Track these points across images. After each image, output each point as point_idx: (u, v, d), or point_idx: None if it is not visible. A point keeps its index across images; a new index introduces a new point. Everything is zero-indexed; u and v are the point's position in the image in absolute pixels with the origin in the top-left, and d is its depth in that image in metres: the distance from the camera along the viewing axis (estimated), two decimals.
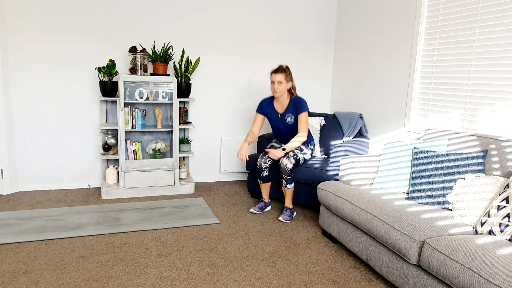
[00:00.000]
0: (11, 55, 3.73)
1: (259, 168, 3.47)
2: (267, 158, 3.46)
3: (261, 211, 3.55)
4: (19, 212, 3.36)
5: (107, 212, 3.42)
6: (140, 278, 2.38)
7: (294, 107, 3.41)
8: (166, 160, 3.96)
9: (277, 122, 3.52)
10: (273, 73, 3.36)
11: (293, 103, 3.42)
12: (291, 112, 3.42)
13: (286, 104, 3.46)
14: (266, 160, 3.45)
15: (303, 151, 3.43)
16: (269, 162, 3.46)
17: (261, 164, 3.46)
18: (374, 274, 2.54)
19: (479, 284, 1.67)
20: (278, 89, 3.35)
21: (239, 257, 2.69)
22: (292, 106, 3.42)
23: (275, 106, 3.52)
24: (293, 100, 3.43)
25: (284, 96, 3.44)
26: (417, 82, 3.47)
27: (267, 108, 3.57)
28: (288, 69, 3.37)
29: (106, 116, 4.02)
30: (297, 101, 3.41)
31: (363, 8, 4.19)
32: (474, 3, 2.90)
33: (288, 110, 3.44)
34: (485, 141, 2.52)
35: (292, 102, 3.43)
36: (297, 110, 3.39)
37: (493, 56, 2.77)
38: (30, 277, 2.34)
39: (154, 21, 4.08)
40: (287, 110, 3.45)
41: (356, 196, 2.62)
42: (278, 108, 3.50)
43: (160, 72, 3.91)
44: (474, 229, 2.13)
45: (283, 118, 3.47)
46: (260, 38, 4.46)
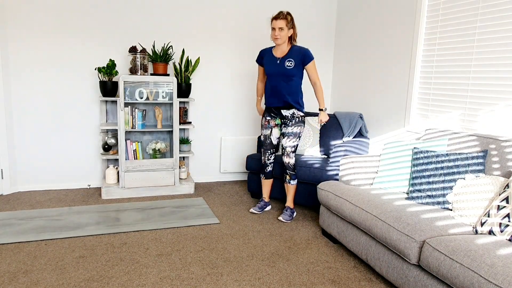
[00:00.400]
0: (11, 55, 3.73)
1: (264, 164, 3.48)
2: (270, 155, 3.47)
3: (261, 210, 3.55)
4: (19, 212, 3.36)
5: (107, 212, 3.42)
6: (140, 278, 2.38)
7: (298, 55, 3.21)
8: (166, 160, 3.96)
9: (274, 68, 3.27)
10: (273, 19, 3.17)
11: (294, 50, 3.24)
12: (293, 58, 3.21)
13: (287, 50, 3.25)
14: (269, 156, 3.47)
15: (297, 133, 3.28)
16: (272, 157, 3.47)
17: (265, 161, 3.48)
18: (374, 274, 2.54)
19: (479, 284, 1.67)
20: (279, 36, 3.16)
21: (239, 257, 2.69)
22: (295, 53, 3.22)
23: (274, 53, 3.31)
24: (294, 47, 3.25)
25: (285, 44, 3.24)
26: (417, 82, 3.47)
27: (265, 55, 3.36)
28: (289, 15, 3.18)
29: (106, 116, 4.02)
30: (300, 49, 3.23)
31: (363, 8, 4.19)
32: (474, 3, 2.90)
33: (289, 55, 3.23)
34: (485, 141, 2.52)
35: (293, 49, 3.24)
36: (303, 57, 3.21)
37: (493, 56, 2.77)
38: (30, 277, 2.34)
39: (154, 21, 4.08)
40: (287, 55, 3.23)
41: (356, 196, 2.62)
42: (277, 53, 3.29)
43: (160, 72, 3.91)
44: (474, 229, 2.13)
45: (282, 63, 3.23)
46: (260, 38, 4.45)
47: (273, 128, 3.43)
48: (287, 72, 3.22)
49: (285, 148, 3.31)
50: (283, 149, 3.33)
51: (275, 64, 3.26)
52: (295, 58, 3.21)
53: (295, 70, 3.21)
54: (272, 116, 3.42)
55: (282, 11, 3.18)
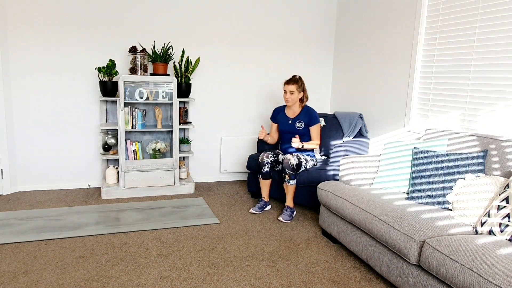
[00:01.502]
0: (11, 55, 3.73)
1: (261, 163, 3.48)
2: (270, 154, 3.47)
3: (261, 210, 3.55)
4: (19, 212, 3.36)
5: (107, 212, 3.42)
6: (140, 278, 2.38)
7: (306, 116, 3.57)
8: (166, 160, 3.96)
9: (287, 127, 3.63)
10: (285, 84, 3.53)
11: (305, 112, 3.60)
12: (302, 119, 3.57)
13: (298, 111, 3.62)
14: (269, 155, 3.47)
15: (307, 160, 3.48)
16: (271, 157, 3.47)
17: (263, 158, 3.48)
18: (374, 274, 2.54)
19: (479, 284, 1.67)
20: (290, 98, 3.53)
21: (239, 257, 2.69)
22: (304, 114, 3.59)
23: (287, 112, 3.68)
24: (305, 109, 3.61)
25: (296, 105, 3.61)
26: (417, 82, 3.47)
27: (278, 115, 3.74)
28: (300, 80, 3.54)
29: (106, 116, 4.02)
30: (309, 112, 3.60)
31: (363, 8, 4.19)
32: (474, 3, 2.90)
33: (299, 117, 3.59)
34: (485, 141, 2.52)
35: (304, 111, 3.60)
36: (309, 120, 3.56)
37: (493, 56, 2.77)
38: (30, 277, 2.34)
39: (154, 21, 4.08)
40: (298, 117, 3.60)
41: (356, 196, 2.62)
42: (290, 114, 3.66)
43: (160, 72, 3.91)
44: (474, 229, 2.13)
45: (294, 124, 3.60)
46: (260, 38, 4.46)
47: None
48: (297, 132, 3.61)
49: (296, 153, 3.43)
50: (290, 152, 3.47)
51: (288, 124, 3.65)
52: (305, 119, 3.58)
53: (305, 130, 3.59)
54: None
55: (294, 76, 3.55)
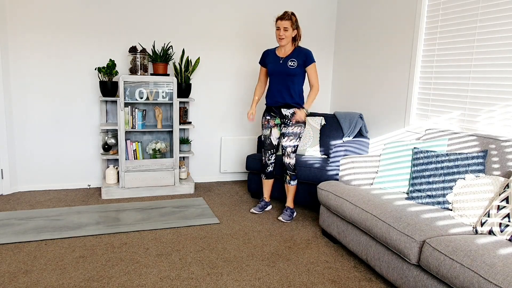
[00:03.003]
0: (11, 55, 3.73)
1: (265, 164, 3.48)
2: (270, 155, 3.46)
3: (262, 210, 3.55)
4: (19, 212, 3.36)
5: (107, 212, 3.42)
6: (140, 278, 2.38)
7: (300, 55, 3.25)
8: (166, 160, 3.96)
9: (277, 67, 3.29)
10: (278, 20, 3.19)
11: (298, 51, 3.27)
12: (295, 58, 3.24)
13: (290, 51, 3.29)
14: (270, 156, 3.46)
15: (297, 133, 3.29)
16: (272, 158, 3.46)
17: (266, 161, 3.47)
18: (374, 274, 2.54)
19: (479, 284, 1.67)
20: (284, 36, 3.18)
21: (239, 257, 2.69)
22: (297, 53, 3.26)
23: (278, 53, 3.34)
24: (298, 49, 3.28)
25: (289, 44, 3.27)
26: (417, 82, 3.47)
27: (268, 56, 3.39)
28: (294, 16, 3.20)
29: (106, 116, 4.02)
30: (303, 50, 3.26)
31: (363, 8, 4.19)
32: (474, 3, 2.90)
33: (292, 56, 3.26)
34: (485, 141, 2.52)
35: (296, 50, 3.27)
36: (305, 59, 3.23)
37: (493, 56, 2.77)
38: (30, 277, 2.34)
39: (154, 21, 4.08)
40: (290, 56, 3.27)
41: (356, 196, 2.62)
42: (280, 53, 3.32)
43: (160, 72, 3.91)
44: (474, 229, 2.13)
45: (285, 63, 3.25)
46: (260, 38, 4.46)
47: (273, 128, 3.43)
48: (289, 72, 3.25)
49: (285, 148, 3.30)
50: (283, 150, 3.32)
51: (278, 64, 3.29)
52: (298, 58, 3.24)
53: (297, 69, 3.24)
54: (272, 115, 3.42)
55: (287, 11, 3.19)
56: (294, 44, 3.29)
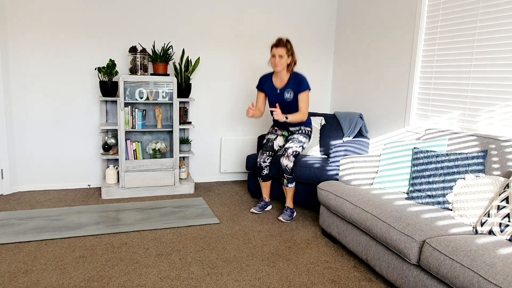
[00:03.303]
0: (11, 55, 3.73)
1: (259, 167, 3.47)
2: (266, 157, 3.45)
3: (262, 210, 3.55)
4: (19, 212, 3.36)
5: (107, 212, 3.42)
6: (140, 278, 2.38)
7: (295, 83, 3.25)
8: (166, 160, 3.96)
9: (275, 98, 3.36)
10: (274, 47, 3.20)
11: (293, 79, 3.27)
12: (291, 88, 3.26)
13: (286, 79, 3.29)
14: (265, 159, 3.45)
15: (301, 142, 3.33)
16: (268, 160, 3.46)
17: (260, 163, 3.46)
18: (374, 274, 2.54)
19: (479, 284, 1.67)
20: (279, 63, 3.19)
21: (239, 257, 2.69)
22: (293, 82, 3.26)
23: (274, 81, 3.36)
24: (293, 76, 3.28)
25: (284, 71, 3.28)
26: (417, 82, 3.47)
27: (266, 84, 3.41)
28: (289, 43, 3.21)
29: (106, 116, 4.02)
30: (298, 78, 3.26)
31: (363, 8, 4.19)
32: (474, 3, 2.90)
33: (288, 86, 3.28)
34: (485, 141, 2.52)
35: (292, 78, 3.27)
36: (298, 87, 3.24)
37: (493, 56, 2.77)
38: (30, 277, 2.34)
39: (154, 21, 4.08)
40: (286, 86, 3.28)
41: (356, 196, 2.62)
42: (277, 83, 3.34)
43: (160, 72, 3.91)
44: (474, 229, 2.13)
45: (282, 94, 3.30)
46: (261, 38, 4.46)
47: (279, 136, 3.54)
48: (287, 104, 3.33)
49: (287, 149, 3.31)
50: (284, 150, 3.32)
51: (276, 94, 3.37)
52: (293, 87, 3.28)
53: (294, 100, 3.30)
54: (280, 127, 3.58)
55: (281, 39, 3.22)
56: (289, 70, 3.29)
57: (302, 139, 3.37)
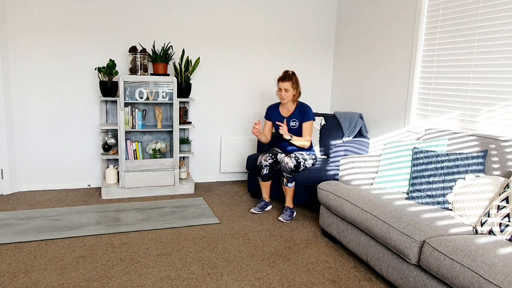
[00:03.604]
0: (11, 55, 3.73)
1: (259, 166, 3.48)
2: (268, 156, 3.46)
3: (262, 210, 3.55)
4: (19, 212, 3.36)
5: (107, 212, 3.42)
6: (140, 278, 2.38)
7: (300, 113, 3.48)
8: (166, 160, 3.96)
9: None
10: (280, 81, 3.42)
11: (299, 109, 3.50)
12: (297, 118, 3.49)
13: (292, 109, 3.53)
14: (267, 158, 3.46)
15: (305, 159, 3.43)
16: (269, 160, 3.46)
17: (261, 161, 3.47)
18: (374, 274, 2.54)
19: (479, 284, 1.67)
20: (285, 96, 3.42)
21: (239, 257, 2.69)
22: (298, 112, 3.49)
23: (281, 111, 3.59)
24: (299, 106, 3.51)
25: (290, 102, 3.52)
26: (417, 82, 3.47)
27: (273, 114, 3.64)
28: (294, 75, 3.44)
29: (106, 116, 4.02)
30: (303, 108, 3.49)
31: (363, 8, 4.19)
32: (474, 3, 2.90)
33: (294, 115, 3.50)
34: (485, 141, 2.52)
35: (298, 108, 3.50)
36: (303, 116, 3.46)
37: (493, 56, 2.77)
38: (30, 277, 2.34)
39: (154, 21, 4.08)
40: (292, 115, 3.51)
41: (356, 196, 2.62)
42: (284, 112, 3.57)
43: (160, 72, 3.91)
44: (474, 229, 2.13)
45: (288, 122, 3.52)
46: (260, 38, 4.46)
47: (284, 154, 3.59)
48: (292, 131, 3.52)
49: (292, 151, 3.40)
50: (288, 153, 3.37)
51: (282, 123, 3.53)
52: (299, 117, 3.49)
53: (299, 129, 3.50)
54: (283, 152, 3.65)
55: (287, 72, 3.42)
56: (294, 100, 3.51)
57: (307, 157, 3.45)
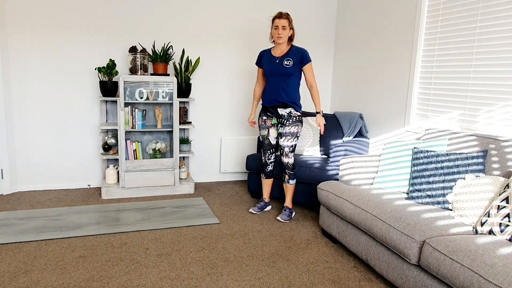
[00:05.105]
0: (11, 55, 3.73)
1: (265, 163, 3.48)
2: (269, 155, 3.47)
3: (261, 211, 3.55)
4: (19, 212, 3.36)
5: (107, 212, 3.42)
6: (140, 278, 2.38)
7: (296, 54, 3.26)
8: (166, 160, 3.96)
9: (273, 68, 3.30)
10: (276, 18, 3.22)
11: (294, 50, 3.28)
12: (291, 58, 3.25)
13: (286, 50, 3.30)
14: (269, 156, 3.47)
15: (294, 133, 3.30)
16: (272, 157, 3.48)
17: (266, 160, 3.48)
18: (374, 274, 2.54)
19: (479, 284, 1.67)
20: (282, 35, 3.21)
21: (239, 257, 2.69)
22: (293, 52, 3.27)
23: (273, 53, 3.35)
24: (294, 48, 3.29)
25: (285, 44, 3.29)
26: (417, 82, 3.47)
27: (264, 57, 3.40)
28: (289, 15, 3.25)
29: (106, 116, 4.02)
30: (299, 50, 3.28)
31: (363, 8, 4.19)
32: (474, 3, 2.90)
33: (288, 55, 3.27)
34: (485, 141, 2.52)
35: (292, 50, 3.29)
36: (301, 58, 3.25)
37: (493, 56, 2.77)
38: (30, 277, 2.34)
39: (154, 21, 4.08)
40: (286, 55, 3.28)
41: (356, 196, 2.62)
42: (277, 53, 3.33)
43: (160, 72, 3.91)
44: (474, 229, 2.13)
45: (281, 62, 3.26)
46: (260, 38, 4.45)
47: (270, 128, 3.43)
48: (285, 71, 3.25)
49: (283, 148, 3.32)
50: (281, 150, 3.34)
51: (274, 64, 3.30)
52: (294, 57, 3.25)
53: (293, 69, 3.25)
54: (268, 115, 3.42)
55: (282, 12, 3.24)
56: (289, 43, 3.32)
57: (294, 129, 3.30)
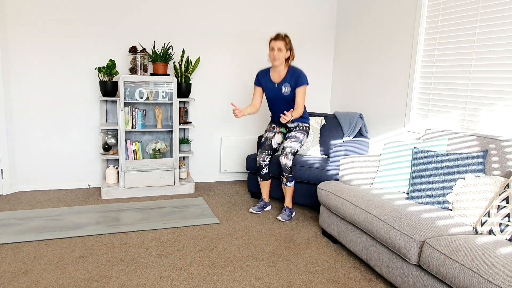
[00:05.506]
0: (11, 55, 3.73)
1: (259, 166, 3.48)
2: (265, 156, 3.46)
3: (261, 210, 3.55)
4: (19, 212, 3.36)
5: (107, 212, 3.42)
6: (140, 278, 2.38)
7: (292, 78, 3.26)
8: (166, 160, 3.96)
9: (273, 93, 3.37)
10: (272, 40, 3.22)
11: (291, 73, 3.28)
12: (288, 83, 3.27)
13: (284, 74, 3.31)
14: (265, 157, 3.46)
15: (301, 139, 3.34)
16: (267, 159, 3.47)
17: (260, 162, 3.47)
18: (374, 274, 2.54)
19: (479, 284, 1.67)
20: (278, 57, 3.20)
21: (239, 257, 2.69)
22: (290, 76, 3.27)
23: (272, 76, 3.36)
24: (291, 70, 3.29)
25: (282, 66, 3.29)
26: (417, 82, 3.47)
27: (263, 79, 3.42)
28: (287, 37, 3.24)
29: (106, 116, 4.02)
30: (295, 72, 3.27)
31: (363, 8, 4.19)
32: (474, 3, 2.90)
33: (285, 80, 3.29)
34: (485, 141, 2.52)
35: (290, 73, 3.29)
36: (296, 81, 3.25)
37: (493, 56, 2.77)
38: (30, 277, 2.34)
39: (154, 21, 4.08)
40: (284, 80, 3.29)
41: (356, 196, 2.62)
42: (275, 78, 3.35)
43: (160, 72, 3.91)
44: (474, 229, 2.13)
45: (280, 89, 3.31)
46: (261, 38, 4.46)
47: (277, 133, 3.53)
48: (285, 98, 3.34)
49: (285, 148, 3.31)
50: (283, 149, 3.34)
51: (273, 89, 3.37)
52: (291, 81, 3.29)
53: (291, 94, 3.31)
54: (278, 124, 3.56)
55: (280, 33, 3.27)
56: (287, 64, 3.31)
57: (300, 136, 3.37)
